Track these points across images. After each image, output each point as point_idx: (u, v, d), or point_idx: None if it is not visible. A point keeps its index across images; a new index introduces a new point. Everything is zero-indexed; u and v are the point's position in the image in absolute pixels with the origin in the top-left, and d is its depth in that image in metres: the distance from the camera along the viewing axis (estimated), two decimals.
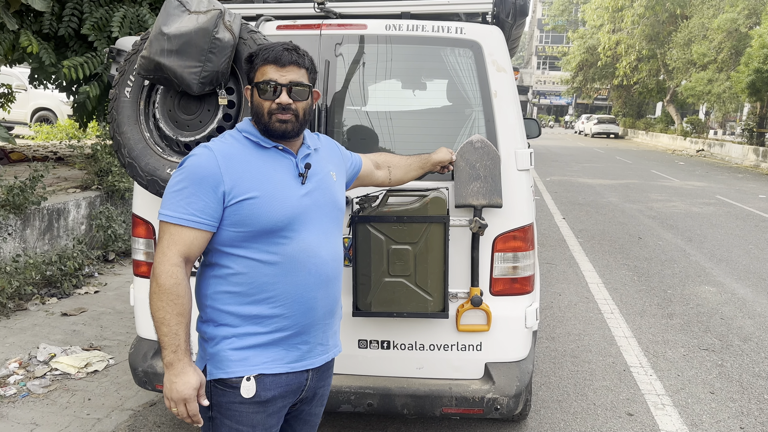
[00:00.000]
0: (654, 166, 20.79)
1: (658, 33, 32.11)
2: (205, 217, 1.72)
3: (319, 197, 1.87)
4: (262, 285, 1.77)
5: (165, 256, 1.70)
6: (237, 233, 1.75)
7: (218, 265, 1.80)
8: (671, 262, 7.39)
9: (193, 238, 1.72)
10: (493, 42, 2.71)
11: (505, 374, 2.71)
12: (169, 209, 1.72)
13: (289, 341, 1.83)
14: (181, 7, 2.32)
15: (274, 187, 1.77)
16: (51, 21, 7.28)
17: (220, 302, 1.79)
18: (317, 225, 1.85)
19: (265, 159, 1.81)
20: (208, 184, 1.71)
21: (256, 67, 1.81)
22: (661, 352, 4.64)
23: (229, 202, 1.72)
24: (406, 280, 2.53)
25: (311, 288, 1.83)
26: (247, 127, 1.86)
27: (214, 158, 1.74)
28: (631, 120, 43.64)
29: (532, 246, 2.75)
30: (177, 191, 1.72)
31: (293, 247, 1.79)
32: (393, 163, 2.41)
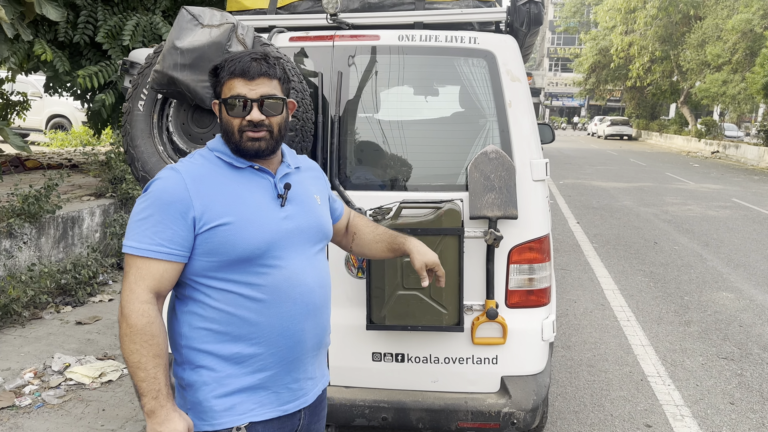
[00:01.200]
0: (668, 169, 20.61)
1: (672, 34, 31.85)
2: (175, 247, 1.56)
3: (302, 221, 1.71)
4: (243, 320, 1.61)
5: (134, 294, 1.53)
6: (211, 263, 1.59)
7: (192, 300, 1.63)
8: (688, 268, 7.30)
9: (163, 271, 1.55)
10: (507, 51, 2.68)
11: (521, 388, 2.67)
12: (134, 240, 1.55)
13: (278, 381, 1.67)
14: (194, 21, 2.32)
15: (249, 211, 1.61)
16: (66, 29, 7.35)
17: (196, 341, 1.62)
18: (300, 251, 1.69)
19: (239, 180, 1.65)
20: (176, 210, 1.55)
21: (222, 81, 1.64)
22: (679, 361, 4.58)
23: (201, 229, 1.57)
24: (421, 293, 2.51)
25: (298, 319, 1.67)
26: (218, 145, 1.69)
27: (182, 181, 1.58)
28: (645, 121, 43.30)
29: (548, 257, 2.71)
30: (142, 219, 1.56)
31: (276, 276, 1.63)
32: (360, 231, 2.09)
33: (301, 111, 2.42)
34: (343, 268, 2.71)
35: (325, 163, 2.69)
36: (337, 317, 2.71)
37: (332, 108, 2.70)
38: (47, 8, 4.90)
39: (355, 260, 2.69)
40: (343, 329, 2.71)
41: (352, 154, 2.72)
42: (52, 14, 4.91)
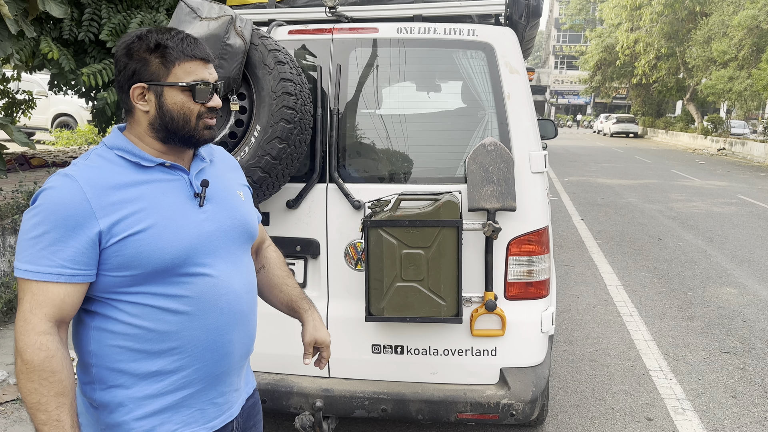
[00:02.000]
0: (674, 166, 20.53)
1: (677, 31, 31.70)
2: (78, 267, 1.34)
3: (225, 220, 1.53)
4: (163, 335, 1.42)
5: (29, 324, 1.31)
6: (122, 278, 1.38)
7: (101, 315, 1.41)
8: (692, 264, 7.28)
9: (64, 296, 1.33)
10: (505, 43, 2.68)
11: (520, 379, 2.67)
12: (27, 262, 1.32)
13: (203, 397, 1.51)
14: (192, 14, 2.33)
15: (163, 216, 1.41)
16: (71, 27, 7.39)
17: (108, 359, 1.41)
18: (225, 254, 1.51)
19: (147, 180, 1.43)
20: (75, 223, 1.32)
21: (172, 61, 1.42)
22: (682, 356, 4.57)
23: (107, 242, 1.35)
24: (419, 285, 2.51)
25: (225, 330, 1.50)
26: (119, 142, 1.45)
27: (79, 189, 1.34)
28: (651, 119, 43.14)
29: (547, 249, 2.72)
30: (35, 238, 1.32)
31: (199, 285, 1.45)
32: (268, 268, 1.84)
33: (299, 103, 2.43)
34: (342, 260, 2.71)
35: (324, 156, 2.70)
36: (336, 309, 2.74)
37: (331, 101, 2.71)
38: (50, 5, 4.93)
39: (354, 252, 2.70)
40: (342, 321, 2.73)
41: (351, 147, 2.73)
42: (55, 11, 4.93)
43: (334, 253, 2.72)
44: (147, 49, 1.42)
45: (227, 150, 2.45)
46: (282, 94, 2.37)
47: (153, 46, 1.42)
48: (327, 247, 2.73)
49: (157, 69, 1.42)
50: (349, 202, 2.67)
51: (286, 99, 2.37)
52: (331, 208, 2.71)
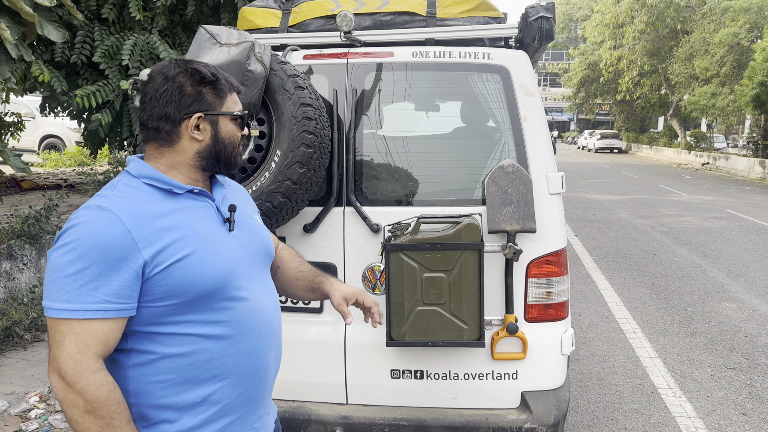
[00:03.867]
0: (661, 181, 20.75)
1: (660, 48, 32.26)
2: (121, 301, 1.31)
3: (251, 244, 1.56)
4: (206, 363, 1.41)
5: (81, 365, 1.27)
6: (165, 307, 1.36)
7: (139, 351, 1.38)
8: (689, 279, 7.32)
9: (108, 332, 1.31)
10: (520, 66, 2.70)
11: (542, 403, 2.65)
12: (66, 301, 1.28)
13: (244, 423, 1.51)
14: (212, 40, 2.32)
15: (202, 241, 1.41)
16: (63, 49, 7.36)
17: (150, 396, 1.38)
18: (256, 277, 1.54)
19: (179, 208, 1.42)
20: (117, 256, 1.29)
21: (224, 92, 1.49)
22: (688, 373, 4.57)
23: (151, 272, 1.33)
24: (441, 309, 2.49)
25: (264, 352, 1.51)
26: (145, 170, 1.44)
27: (118, 221, 1.31)
28: (635, 134, 43.68)
29: (566, 270, 2.71)
30: (73, 275, 1.28)
31: (239, 308, 1.45)
32: (285, 265, 1.88)
33: (319, 128, 2.42)
34: (360, 284, 2.69)
35: (341, 179, 2.68)
36: (354, 334, 2.71)
37: (347, 125, 2.70)
38: (48, 29, 4.90)
39: (372, 276, 2.68)
40: (361, 346, 2.69)
41: (367, 170, 2.72)
42: (53, 35, 4.90)
43: (351, 276, 2.70)
44: (201, 82, 1.46)
45: (247, 175, 2.45)
46: (302, 119, 2.36)
47: (209, 78, 1.46)
48: (344, 270, 2.70)
49: (212, 100, 1.47)
50: (366, 225, 2.65)
51: (306, 124, 2.36)
52: (349, 231, 2.69)
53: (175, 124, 1.45)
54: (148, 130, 1.47)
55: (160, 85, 1.45)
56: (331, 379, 2.73)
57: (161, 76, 1.46)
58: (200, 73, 1.46)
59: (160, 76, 1.46)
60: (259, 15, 3.11)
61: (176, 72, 1.45)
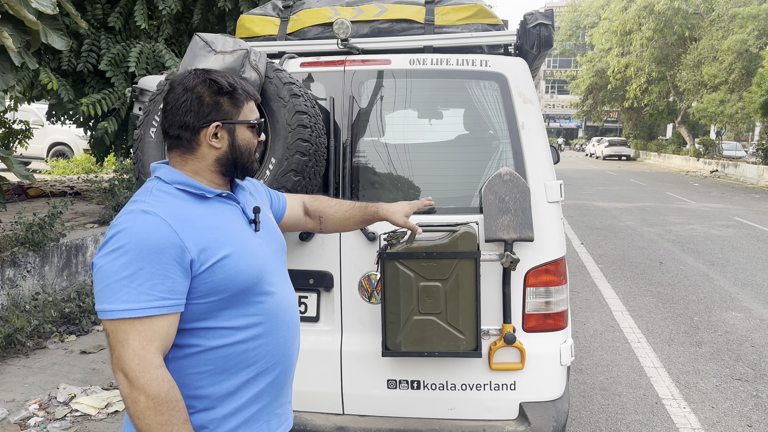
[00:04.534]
0: (669, 188, 20.63)
1: (668, 55, 32.16)
2: (176, 297, 1.41)
3: (272, 242, 1.68)
4: (241, 354, 1.52)
5: (145, 360, 1.36)
6: (210, 303, 1.47)
7: (180, 346, 1.48)
8: (695, 288, 7.25)
9: (167, 327, 1.40)
10: (518, 74, 2.68)
11: (541, 414, 2.61)
12: (126, 302, 1.35)
13: (269, 409, 1.62)
14: (207, 48, 2.32)
15: (238, 241, 1.52)
16: (69, 57, 7.41)
17: (191, 387, 1.49)
18: (279, 272, 1.66)
19: (213, 211, 1.53)
20: (169, 255, 1.39)
21: (241, 102, 1.57)
22: (693, 383, 4.51)
23: (198, 270, 1.43)
24: (437, 318, 2.46)
25: (290, 342, 1.64)
26: (177, 177, 1.53)
27: (165, 223, 1.41)
28: (643, 142, 43.52)
29: (565, 280, 2.68)
30: (128, 277, 1.36)
31: (270, 302, 1.57)
32: (326, 213, 2.11)
33: (314, 135, 2.40)
34: (356, 293, 2.67)
35: (337, 187, 2.67)
36: (349, 343, 2.69)
37: (344, 132, 2.69)
38: (53, 37, 4.92)
39: (368, 285, 2.66)
40: (357, 356, 2.67)
41: (364, 178, 2.70)
42: (57, 43, 4.92)
43: (347, 285, 2.68)
44: (219, 92, 1.53)
45: None
46: (297, 126, 2.35)
47: (226, 88, 1.54)
48: (341, 279, 2.68)
49: (229, 109, 1.55)
50: (363, 233, 2.63)
51: (301, 132, 2.35)
52: (345, 240, 2.67)
53: (194, 133, 1.53)
54: (171, 139, 1.56)
55: (180, 95, 1.53)
56: (327, 388, 2.71)
57: (181, 86, 1.54)
58: (218, 84, 1.54)
59: (180, 87, 1.54)
60: (257, 23, 3.11)
61: (195, 83, 1.53)
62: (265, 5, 3.19)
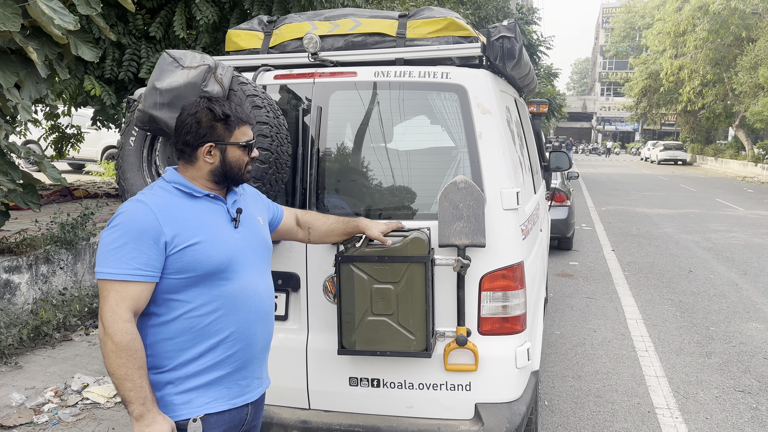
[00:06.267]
0: (719, 194, 19.95)
1: (724, 57, 31.03)
2: (150, 270, 1.76)
3: (251, 239, 2.00)
4: (205, 327, 1.85)
5: (116, 314, 1.72)
6: (180, 279, 1.81)
7: (155, 314, 1.84)
8: (720, 297, 7.07)
9: (140, 292, 1.76)
10: (478, 85, 2.77)
11: (494, 416, 2.68)
12: (111, 267, 1.74)
13: (231, 378, 1.92)
14: (174, 63, 2.50)
15: (212, 232, 1.86)
16: (112, 66, 7.85)
17: (160, 350, 1.83)
18: (252, 265, 1.97)
19: (197, 207, 1.89)
20: (148, 236, 1.75)
21: (233, 126, 1.92)
22: (692, 393, 4.45)
23: (171, 251, 1.79)
24: (389, 319, 2.58)
25: (252, 324, 1.94)
26: (175, 178, 1.92)
27: (150, 211, 1.78)
28: (700, 146, 42.06)
29: (521, 285, 2.75)
30: (117, 248, 1.74)
31: (234, 286, 1.89)
32: (314, 225, 2.49)
33: (275, 144, 2.56)
34: (321, 294, 2.81)
35: (304, 193, 2.82)
36: (315, 342, 2.83)
37: (312, 141, 2.83)
38: (83, 49, 5.25)
39: (332, 286, 2.79)
40: (322, 354, 2.81)
41: (330, 184, 2.84)
42: (87, 54, 5.24)
43: (313, 287, 2.82)
44: (215, 118, 1.89)
45: None
46: (257, 136, 2.51)
47: (220, 116, 1.89)
48: (307, 281, 2.83)
49: (222, 132, 1.91)
50: None
51: (260, 141, 2.51)
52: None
53: (193, 149, 1.91)
54: (178, 151, 1.95)
55: (186, 118, 1.91)
56: (294, 384, 2.86)
57: (186, 111, 1.93)
58: (213, 112, 1.90)
59: (185, 112, 1.93)
60: (243, 37, 3.30)
61: (197, 109, 1.91)
62: (252, 20, 3.37)
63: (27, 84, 4.84)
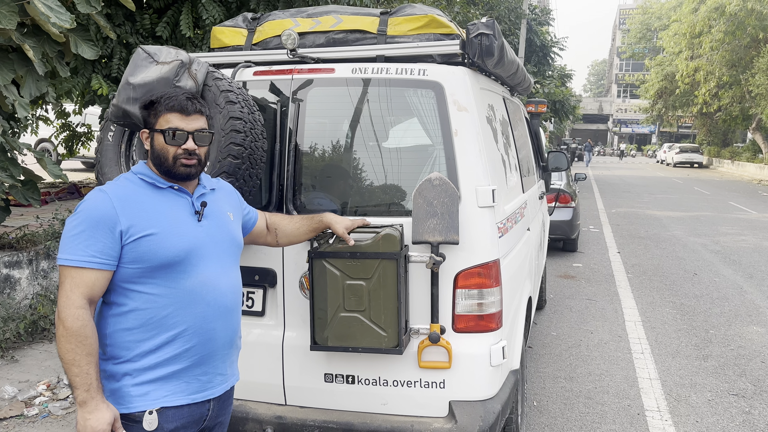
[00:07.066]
0: (733, 198, 19.70)
1: (741, 58, 30.63)
2: (104, 258, 1.78)
3: (216, 233, 1.99)
4: (161, 319, 1.85)
5: (69, 300, 1.74)
6: (135, 269, 1.82)
7: (116, 304, 1.85)
8: (722, 300, 6.98)
9: (95, 279, 1.78)
10: (455, 82, 2.76)
11: (468, 413, 2.67)
12: (68, 253, 1.77)
13: (190, 373, 1.91)
14: (149, 59, 2.52)
15: (170, 224, 1.87)
16: (119, 65, 7.93)
17: (119, 340, 1.84)
18: (215, 259, 1.96)
19: (160, 198, 1.91)
20: (105, 225, 1.78)
21: (159, 113, 1.91)
22: (684, 396, 4.40)
23: (127, 240, 1.80)
24: (361, 315, 2.58)
25: (210, 319, 1.92)
26: (142, 169, 1.95)
27: (109, 200, 1.81)
28: (716, 149, 41.56)
29: (497, 283, 2.73)
30: (75, 235, 1.78)
31: (192, 280, 1.89)
32: (280, 227, 2.49)
33: (248, 140, 2.57)
34: (297, 290, 2.81)
35: (280, 189, 2.83)
36: (291, 338, 2.84)
37: (288, 137, 2.84)
38: (83, 47, 5.31)
39: (307, 282, 2.79)
40: (297, 350, 2.81)
41: (306, 180, 2.84)
42: (87, 53, 5.30)
43: (289, 283, 2.83)
44: (148, 105, 1.93)
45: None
46: (230, 131, 2.52)
47: (148, 103, 1.94)
48: (283, 276, 2.83)
49: (151, 119, 1.92)
50: None
51: (234, 136, 2.52)
52: None
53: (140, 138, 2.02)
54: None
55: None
56: (270, 379, 2.86)
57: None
58: (148, 100, 1.95)
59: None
60: (227, 34, 3.32)
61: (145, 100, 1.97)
62: (236, 17, 3.39)
63: (27, 82, 4.90)
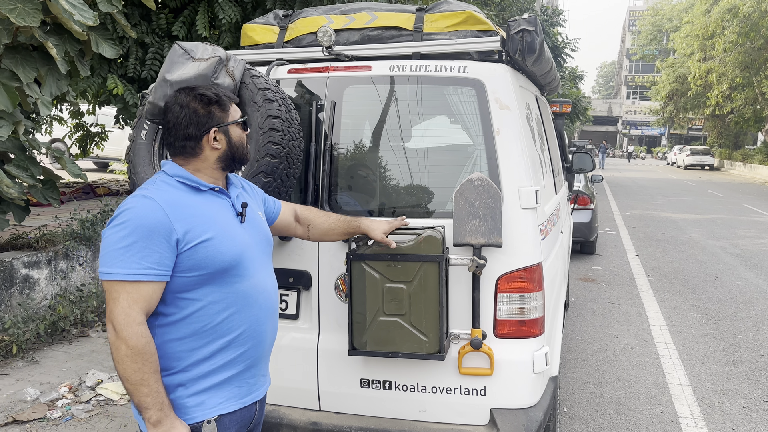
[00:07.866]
0: (748, 200, 19.50)
1: (754, 60, 30.36)
2: (161, 269, 1.67)
3: (255, 234, 1.94)
4: (216, 326, 1.78)
5: (129, 317, 1.63)
6: (192, 277, 1.73)
7: (163, 314, 1.75)
8: (747, 304, 6.86)
9: (152, 292, 1.67)
10: (496, 80, 2.68)
11: (510, 422, 2.59)
12: (120, 267, 1.63)
13: (241, 377, 1.86)
14: (185, 55, 2.46)
15: (222, 228, 1.79)
16: (135, 65, 7.90)
17: (170, 350, 1.75)
18: (259, 260, 1.91)
19: (204, 201, 1.81)
20: (159, 234, 1.66)
21: (226, 107, 1.87)
22: (718, 403, 4.30)
23: (183, 248, 1.70)
24: (401, 320, 2.50)
25: (263, 321, 1.89)
26: (178, 171, 1.82)
27: (159, 207, 1.69)
28: (728, 151, 41.23)
29: (540, 287, 2.65)
30: (125, 247, 1.64)
31: (246, 283, 1.83)
32: (314, 223, 2.41)
33: (286, 139, 2.50)
34: (333, 292, 2.74)
35: (316, 189, 2.75)
36: (326, 342, 2.77)
37: (325, 136, 2.77)
38: (103, 46, 5.26)
39: (343, 285, 2.72)
40: (333, 354, 2.74)
41: (343, 180, 2.77)
42: (107, 52, 5.25)
43: (325, 285, 2.76)
44: (210, 102, 1.82)
45: None
46: (268, 130, 2.45)
47: (213, 99, 1.83)
48: (318, 279, 2.76)
49: (220, 115, 1.84)
50: None
51: (272, 135, 2.45)
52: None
53: (197, 141, 1.83)
54: (176, 148, 1.84)
55: (179, 113, 1.81)
56: (304, 385, 2.79)
57: (177, 105, 1.82)
58: (206, 96, 1.83)
59: (176, 106, 1.82)
60: (258, 31, 3.26)
61: (188, 100, 1.82)
62: (267, 15, 3.32)
63: (48, 80, 4.85)
